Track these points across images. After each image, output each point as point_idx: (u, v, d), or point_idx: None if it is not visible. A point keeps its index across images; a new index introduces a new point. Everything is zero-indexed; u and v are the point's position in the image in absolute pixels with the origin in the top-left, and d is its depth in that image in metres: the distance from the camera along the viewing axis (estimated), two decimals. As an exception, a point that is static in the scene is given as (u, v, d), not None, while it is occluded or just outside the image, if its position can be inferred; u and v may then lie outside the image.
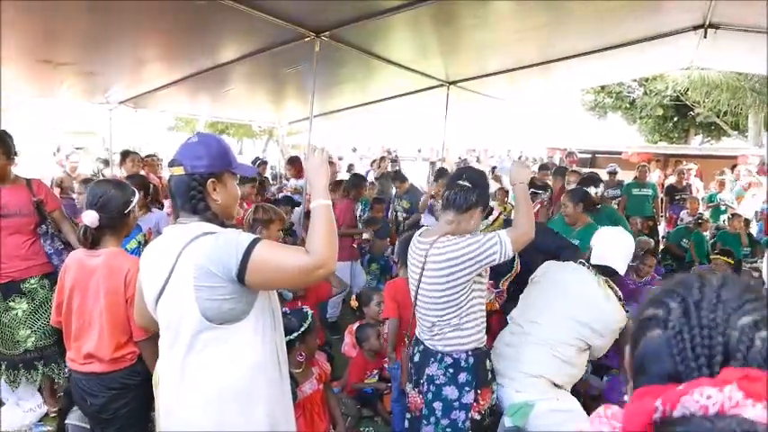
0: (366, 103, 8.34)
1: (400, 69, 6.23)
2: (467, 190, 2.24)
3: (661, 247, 7.61)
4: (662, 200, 9.41)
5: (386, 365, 3.44)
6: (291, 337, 2.47)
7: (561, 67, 6.84)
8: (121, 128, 7.74)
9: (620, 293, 2.59)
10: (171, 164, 1.64)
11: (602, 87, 22.09)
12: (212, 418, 1.54)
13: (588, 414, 2.51)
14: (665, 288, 0.71)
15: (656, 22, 5.64)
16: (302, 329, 2.54)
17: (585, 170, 8.99)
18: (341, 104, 8.47)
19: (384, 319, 3.37)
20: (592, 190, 4.19)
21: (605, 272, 2.58)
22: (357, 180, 5.82)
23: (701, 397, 0.57)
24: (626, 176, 9.04)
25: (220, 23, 4.33)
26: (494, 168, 10.86)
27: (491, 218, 3.21)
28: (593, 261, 2.60)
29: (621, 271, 2.60)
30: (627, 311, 2.58)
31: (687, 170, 10.98)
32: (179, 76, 5.75)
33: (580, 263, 2.65)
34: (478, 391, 2.22)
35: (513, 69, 6.86)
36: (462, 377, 2.22)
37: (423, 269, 2.25)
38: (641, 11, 5.18)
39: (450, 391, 2.21)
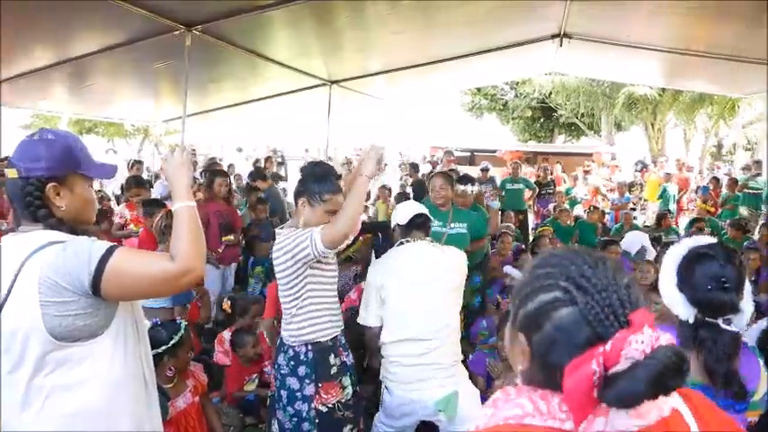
0: (247, 102, 8.10)
1: (281, 68, 6.13)
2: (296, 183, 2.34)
3: (531, 237, 8.26)
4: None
5: (265, 369, 3.36)
6: (159, 350, 2.32)
7: (439, 69, 7.15)
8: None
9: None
10: (7, 165, 1.45)
11: (479, 89, 23.53)
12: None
13: None
14: (539, 274, 0.81)
15: (520, 30, 6.12)
16: (172, 342, 2.39)
17: (462, 168, 9.53)
18: (220, 102, 8.13)
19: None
20: (468, 188, 4.34)
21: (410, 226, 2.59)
22: (209, 178, 5.20)
23: (638, 344, 0.70)
24: (499, 173, 9.71)
25: (75, 12, 3.94)
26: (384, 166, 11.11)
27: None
28: (399, 223, 2.61)
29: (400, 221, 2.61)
30: None
31: (552, 167, 12.05)
32: (26, 68, 5.15)
33: (399, 243, 2.60)
34: (320, 385, 2.25)
35: (394, 70, 7.05)
36: (302, 370, 2.26)
37: None
38: (506, 19, 5.59)
39: (293, 382, 2.26)
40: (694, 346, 1.47)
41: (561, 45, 6.22)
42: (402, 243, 2.57)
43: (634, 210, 9.40)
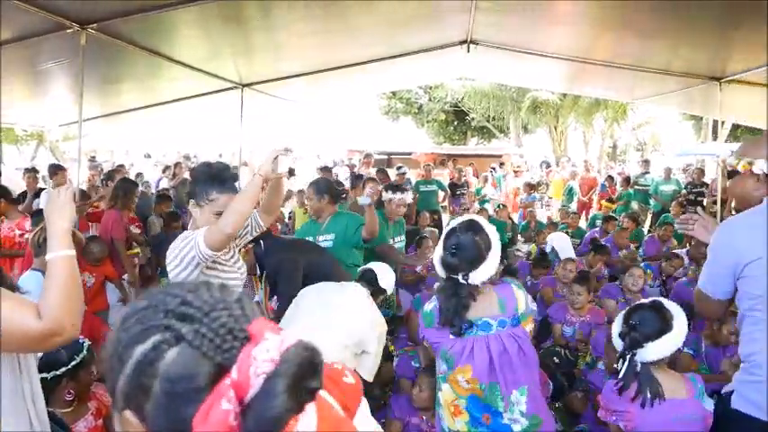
0: (153, 105, 7.69)
1: (189, 70, 5.88)
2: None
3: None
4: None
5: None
6: (57, 372, 2.15)
7: (352, 73, 7.18)
8: None
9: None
10: None
11: (394, 93, 23.94)
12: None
13: None
14: (129, 325, 0.64)
15: (430, 36, 6.29)
16: (72, 364, 2.21)
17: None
18: (123, 105, 7.67)
19: None
20: (397, 196, 4.13)
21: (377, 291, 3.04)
22: (126, 185, 5.08)
23: (265, 354, 0.58)
24: (414, 175, 9.94)
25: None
26: (292, 170, 11.04)
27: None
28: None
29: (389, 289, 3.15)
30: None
31: (465, 168, 12.52)
32: None
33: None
34: None
35: (308, 73, 6.99)
36: None
37: None
38: (416, 25, 5.72)
39: None
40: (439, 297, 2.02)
41: (469, 51, 6.47)
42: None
43: (549, 210, 10.00)
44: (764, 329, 1.69)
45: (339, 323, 2.56)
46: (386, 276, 3.08)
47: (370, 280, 3.01)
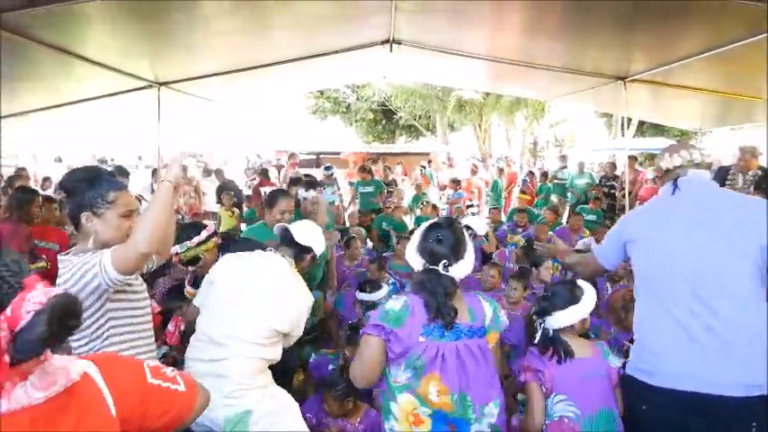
0: (60, 105, 7.18)
1: (101, 68, 5.53)
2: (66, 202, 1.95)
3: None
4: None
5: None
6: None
7: (275, 72, 7.05)
8: None
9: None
10: None
11: (322, 92, 23.80)
12: None
13: None
14: None
15: (353, 35, 6.30)
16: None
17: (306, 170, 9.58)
18: (26, 106, 7.10)
19: None
20: (311, 193, 4.21)
21: (300, 250, 2.65)
22: (22, 195, 4.66)
23: (35, 298, 0.83)
24: (343, 174, 9.94)
25: None
26: (218, 171, 10.72)
27: (203, 234, 2.88)
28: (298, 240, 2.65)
29: (318, 251, 2.72)
30: None
31: (393, 167, 12.69)
32: None
33: (268, 249, 2.63)
34: None
35: (228, 72, 6.79)
36: None
37: None
38: (337, 25, 5.72)
39: None
40: (422, 289, 1.97)
41: (391, 50, 6.54)
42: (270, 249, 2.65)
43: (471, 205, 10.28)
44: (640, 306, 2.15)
45: (267, 308, 2.38)
46: (306, 233, 2.68)
47: (290, 241, 2.63)
